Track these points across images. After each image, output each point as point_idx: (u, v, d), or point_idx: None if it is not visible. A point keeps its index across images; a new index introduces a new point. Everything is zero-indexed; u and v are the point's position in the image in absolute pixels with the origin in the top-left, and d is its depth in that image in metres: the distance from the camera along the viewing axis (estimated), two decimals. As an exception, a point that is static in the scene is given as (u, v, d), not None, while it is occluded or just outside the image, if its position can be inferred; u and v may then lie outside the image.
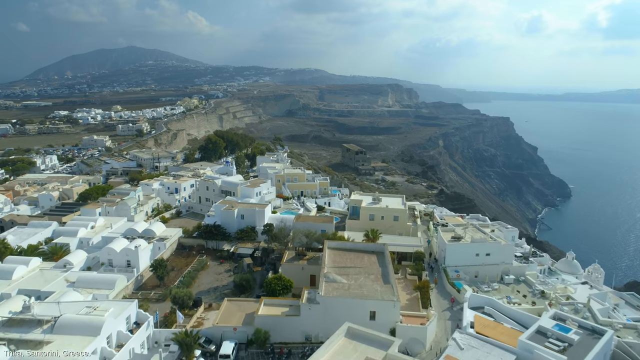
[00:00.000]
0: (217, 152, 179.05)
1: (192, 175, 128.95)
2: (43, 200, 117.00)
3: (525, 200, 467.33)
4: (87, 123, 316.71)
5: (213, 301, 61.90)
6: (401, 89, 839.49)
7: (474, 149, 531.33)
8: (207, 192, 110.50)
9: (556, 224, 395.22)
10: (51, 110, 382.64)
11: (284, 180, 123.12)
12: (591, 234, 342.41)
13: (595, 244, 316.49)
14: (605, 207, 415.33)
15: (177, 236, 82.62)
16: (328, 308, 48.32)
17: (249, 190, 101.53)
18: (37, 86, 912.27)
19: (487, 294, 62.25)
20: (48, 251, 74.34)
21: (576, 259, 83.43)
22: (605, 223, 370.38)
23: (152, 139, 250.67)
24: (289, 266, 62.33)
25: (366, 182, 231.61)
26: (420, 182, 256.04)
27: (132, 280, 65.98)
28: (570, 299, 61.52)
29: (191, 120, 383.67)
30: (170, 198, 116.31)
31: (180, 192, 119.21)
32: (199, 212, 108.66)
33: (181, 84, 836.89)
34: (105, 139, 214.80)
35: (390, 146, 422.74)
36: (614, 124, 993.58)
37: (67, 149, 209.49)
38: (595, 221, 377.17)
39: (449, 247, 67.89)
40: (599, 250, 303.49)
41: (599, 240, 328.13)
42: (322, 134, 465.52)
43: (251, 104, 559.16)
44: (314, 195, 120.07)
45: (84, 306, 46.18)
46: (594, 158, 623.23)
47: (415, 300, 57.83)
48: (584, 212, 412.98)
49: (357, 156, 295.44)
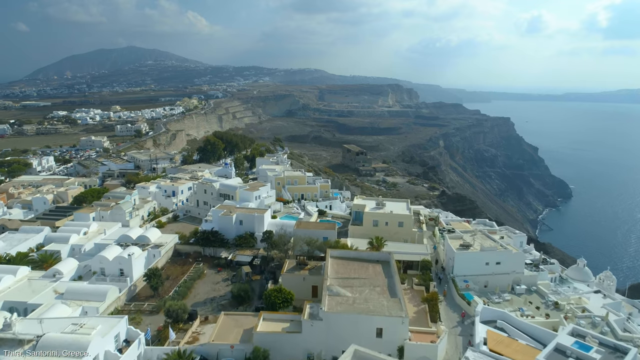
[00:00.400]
0: (216, 153, 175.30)
1: (190, 177, 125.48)
2: (37, 204, 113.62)
3: (526, 200, 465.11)
4: (86, 123, 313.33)
5: (209, 313, 58.78)
6: (401, 89, 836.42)
7: (475, 149, 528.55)
8: (205, 195, 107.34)
9: (557, 225, 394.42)
10: (50, 111, 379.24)
11: (284, 183, 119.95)
12: (592, 235, 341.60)
13: (597, 245, 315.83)
14: (606, 207, 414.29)
15: (173, 242, 79.45)
16: (332, 324, 45.19)
17: (248, 194, 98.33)
18: (37, 86, 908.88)
19: (498, 305, 59.23)
20: (38, 259, 71.14)
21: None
22: (606, 223, 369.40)
23: (151, 140, 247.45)
24: (289, 276, 59.18)
25: (367, 183, 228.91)
26: (421, 183, 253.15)
27: (125, 291, 62.77)
28: (586, 311, 58.37)
29: (190, 120, 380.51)
30: (167, 201, 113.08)
31: (178, 195, 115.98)
32: (197, 215, 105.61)
33: (181, 84, 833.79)
34: (103, 139, 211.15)
35: (391, 146, 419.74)
36: (614, 124, 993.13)
37: (65, 149, 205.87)
38: (596, 222, 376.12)
39: (458, 255, 64.74)
40: (601, 251, 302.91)
41: (600, 241, 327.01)
42: (322, 134, 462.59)
43: (251, 104, 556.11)
44: (314, 198, 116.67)
45: (69, 323, 42.97)
46: (594, 158, 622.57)
47: (424, 314, 54.70)
48: (584, 212, 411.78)
49: (358, 157, 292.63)
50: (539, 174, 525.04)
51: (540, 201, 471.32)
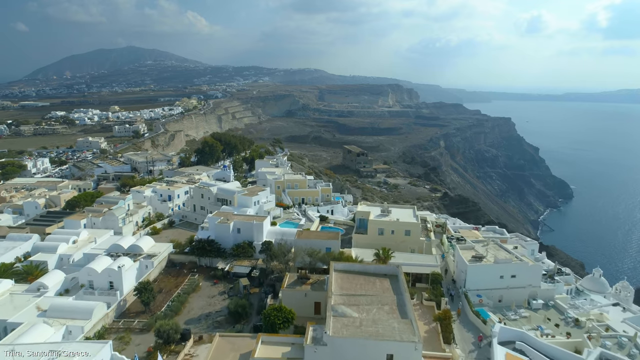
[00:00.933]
0: (214, 155, 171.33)
1: (187, 181, 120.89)
2: (28, 208, 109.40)
3: (527, 201, 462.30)
4: (84, 124, 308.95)
5: (204, 331, 54.54)
6: (401, 89, 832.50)
7: (476, 149, 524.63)
8: (202, 200, 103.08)
9: (558, 226, 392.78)
10: (48, 111, 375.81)
11: (284, 187, 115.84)
12: (593, 236, 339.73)
13: (598, 246, 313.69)
14: (607, 207, 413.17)
15: (167, 252, 75.25)
16: (337, 350, 40.99)
17: (247, 199, 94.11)
18: (36, 86, 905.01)
19: (515, 323, 55.11)
20: (22, 270, 66.92)
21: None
22: (607, 223, 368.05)
23: (149, 141, 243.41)
24: (290, 292, 55.01)
25: (368, 185, 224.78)
26: (423, 184, 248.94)
27: (114, 307, 58.51)
28: (610, 329, 54.21)
29: (189, 121, 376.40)
30: (162, 206, 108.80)
31: (174, 200, 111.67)
32: (194, 221, 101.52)
33: (180, 84, 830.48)
34: (100, 140, 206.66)
35: (391, 147, 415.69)
36: (614, 124, 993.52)
37: (61, 151, 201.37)
38: (597, 222, 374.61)
39: (470, 268, 60.53)
40: (602, 252, 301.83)
41: (601, 241, 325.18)
42: (322, 134, 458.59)
43: (250, 105, 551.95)
44: (315, 202, 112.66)
45: (47, 349, 38.82)
46: (594, 158, 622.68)
47: (435, 334, 50.56)
48: (585, 212, 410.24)
49: (359, 158, 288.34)
50: (540, 174, 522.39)
51: (541, 202, 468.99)
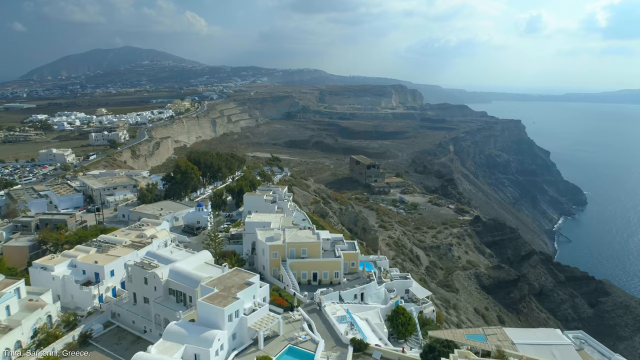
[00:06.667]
0: (190, 184, 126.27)
1: (130, 243, 76.31)
2: None
3: (540, 209, 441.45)
4: (62, 129, 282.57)
5: None
6: (405, 89, 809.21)
7: (486, 154, 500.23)
8: (146, 288, 60.65)
9: (575, 235, 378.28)
10: (32, 114, 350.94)
11: (284, 256, 74.22)
12: (610, 245, 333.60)
13: (618, 261, 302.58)
14: (621, 214, 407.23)
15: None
16: None
17: (216, 313, 49.09)
18: (29, 87, 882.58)
19: None
20: None
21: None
22: (623, 231, 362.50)
23: (129, 150, 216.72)
24: None
25: (382, 205, 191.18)
26: (446, 203, 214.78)
27: None
28: None
29: (180, 125, 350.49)
30: (83, 295, 65.14)
31: (104, 281, 67.73)
32: (131, 325, 60.59)
33: (177, 84, 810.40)
34: (66, 152, 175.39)
35: (399, 153, 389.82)
36: (617, 125, 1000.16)
37: (20, 164, 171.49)
38: (614, 231, 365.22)
39: None
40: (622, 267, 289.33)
41: (618, 251, 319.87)
42: (324, 139, 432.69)
43: (247, 106, 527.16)
44: (334, 279, 71.97)
45: None
46: (603, 161, 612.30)
47: None
48: (601, 220, 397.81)
49: (369, 170, 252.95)
50: (552, 179, 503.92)
51: (555, 209, 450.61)
